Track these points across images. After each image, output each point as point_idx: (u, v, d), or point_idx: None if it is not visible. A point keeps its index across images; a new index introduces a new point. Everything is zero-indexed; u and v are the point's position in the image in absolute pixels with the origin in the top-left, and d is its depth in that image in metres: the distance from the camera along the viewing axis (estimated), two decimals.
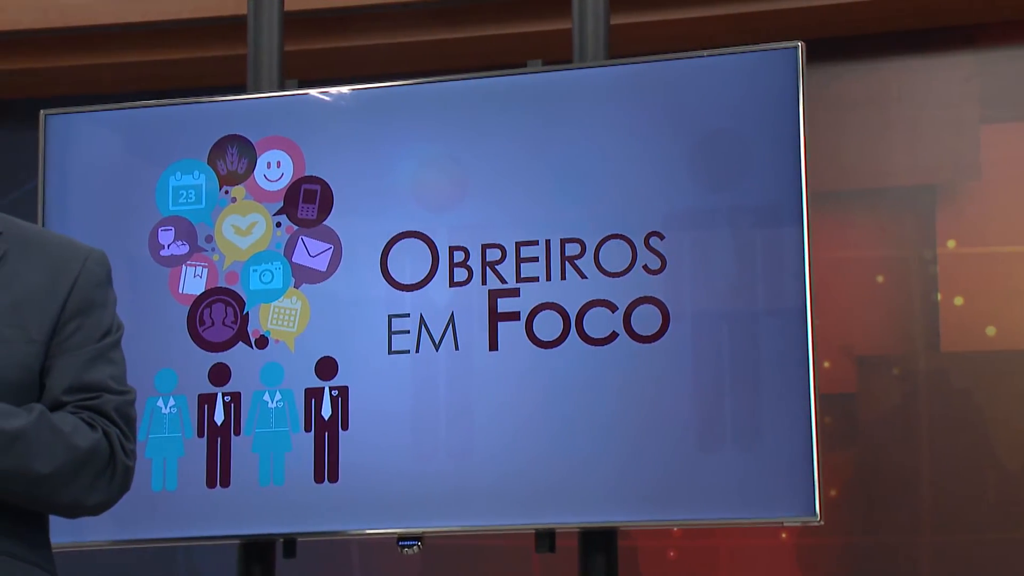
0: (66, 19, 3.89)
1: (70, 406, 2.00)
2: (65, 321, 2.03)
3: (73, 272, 2.06)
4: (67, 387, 2.01)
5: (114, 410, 2.03)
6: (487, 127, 3.13)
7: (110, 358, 2.07)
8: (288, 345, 3.12)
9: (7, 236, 2.06)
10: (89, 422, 2.00)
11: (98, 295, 2.08)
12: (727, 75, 3.06)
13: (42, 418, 1.95)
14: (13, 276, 2.02)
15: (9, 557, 1.95)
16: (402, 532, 3.04)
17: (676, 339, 2.99)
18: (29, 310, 2.01)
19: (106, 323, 2.08)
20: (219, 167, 3.21)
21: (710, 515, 2.99)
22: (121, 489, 2.04)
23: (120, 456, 2.02)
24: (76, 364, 2.02)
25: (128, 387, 2.08)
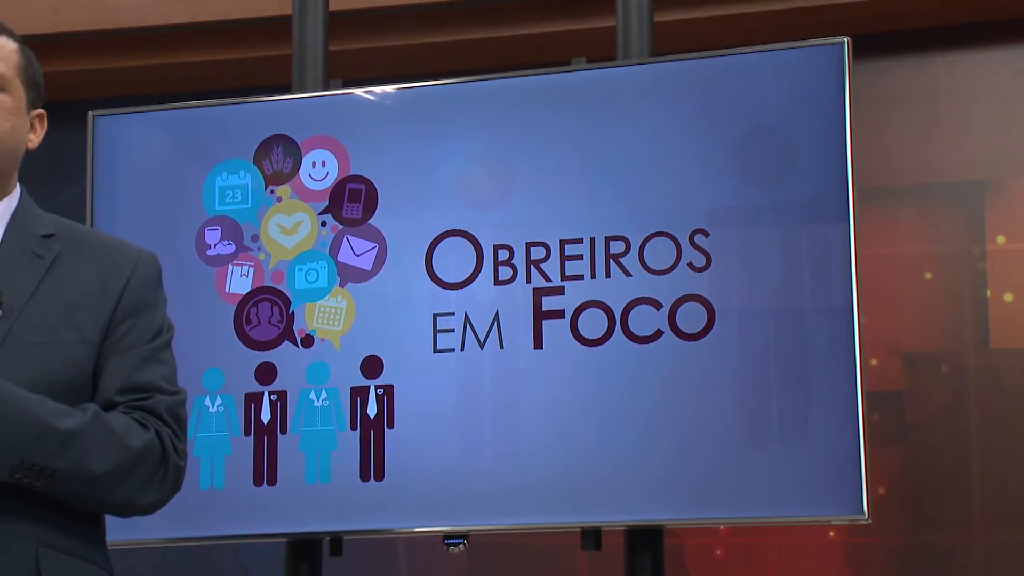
0: (116, 21, 3.92)
1: (123, 406, 2.03)
2: (118, 322, 2.05)
3: (125, 273, 2.08)
4: (120, 387, 2.03)
5: (166, 410, 2.05)
6: (531, 125, 3.12)
7: (161, 359, 2.09)
8: (334, 344, 3.14)
9: (60, 238, 2.08)
10: (142, 422, 2.02)
11: (149, 296, 2.10)
12: (772, 71, 3.04)
13: (96, 418, 1.97)
14: (67, 278, 2.04)
15: (68, 555, 1.97)
16: (447, 530, 3.05)
17: (722, 337, 2.98)
18: (83, 311, 2.03)
19: (157, 324, 2.10)
20: (265, 167, 3.23)
21: (757, 513, 2.98)
22: (173, 489, 2.06)
23: (172, 456, 2.05)
24: (128, 365, 2.04)
25: (179, 388, 2.10)
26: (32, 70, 2.11)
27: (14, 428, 1.89)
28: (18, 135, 2.08)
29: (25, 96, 2.09)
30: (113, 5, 3.91)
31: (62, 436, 1.93)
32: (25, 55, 2.10)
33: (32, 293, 2.01)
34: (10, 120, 2.05)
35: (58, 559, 1.95)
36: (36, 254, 2.05)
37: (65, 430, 1.93)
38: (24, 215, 2.09)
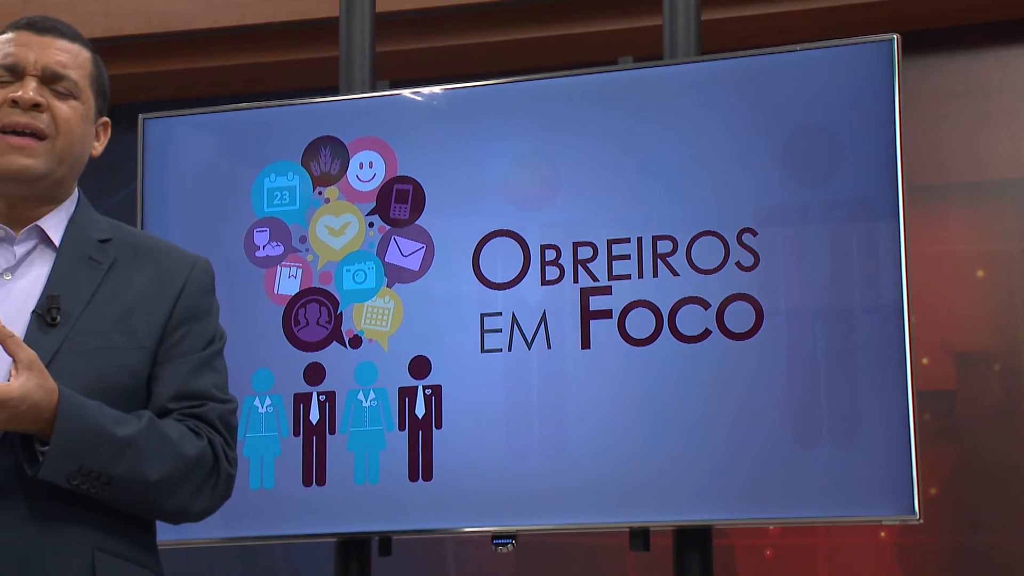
0: (166, 25, 3.95)
1: (176, 413, 2.05)
2: (172, 328, 2.07)
3: (180, 280, 2.10)
4: (173, 394, 2.05)
5: (218, 418, 2.07)
6: (578, 125, 3.12)
7: (214, 366, 2.11)
8: (381, 344, 3.15)
9: (116, 243, 2.10)
10: (194, 430, 2.04)
11: (203, 303, 2.12)
12: (821, 69, 3.03)
13: (151, 425, 1.99)
14: (123, 283, 2.06)
15: (123, 559, 2.00)
16: (496, 530, 3.05)
17: (770, 336, 2.97)
18: (138, 317, 2.05)
19: (211, 331, 2.12)
20: (312, 168, 3.24)
21: (807, 513, 2.96)
22: (223, 496, 2.08)
23: (223, 464, 2.06)
24: (182, 372, 2.06)
25: (230, 396, 2.12)
26: (102, 80, 2.15)
27: (72, 435, 1.91)
28: (85, 143, 2.11)
29: (94, 104, 2.12)
30: (163, 9, 3.94)
31: (119, 443, 1.95)
32: (97, 65, 2.14)
33: (89, 299, 2.03)
34: (81, 127, 2.08)
35: (112, 563, 1.98)
36: (93, 259, 2.07)
37: (122, 437, 1.95)
38: (82, 219, 2.11)
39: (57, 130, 2.06)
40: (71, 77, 2.07)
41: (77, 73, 2.09)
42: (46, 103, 2.05)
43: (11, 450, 1.93)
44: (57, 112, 2.06)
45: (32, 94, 2.04)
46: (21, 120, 2.04)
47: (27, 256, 2.06)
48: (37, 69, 2.06)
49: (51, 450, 1.90)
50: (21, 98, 2.03)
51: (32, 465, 1.92)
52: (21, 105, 2.04)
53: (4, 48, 2.08)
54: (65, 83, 2.07)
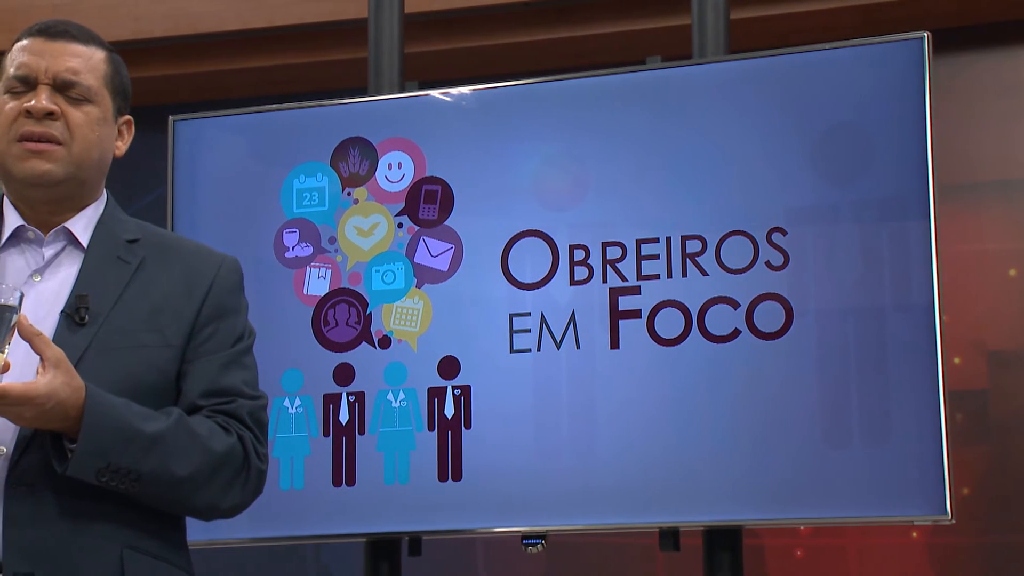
0: (195, 27, 3.97)
1: (205, 410, 2.05)
2: (200, 326, 2.08)
3: (208, 278, 2.11)
4: (202, 391, 2.06)
5: (247, 414, 2.08)
6: (607, 125, 3.12)
7: (243, 363, 2.11)
8: (411, 345, 3.15)
9: (144, 243, 2.12)
10: (224, 426, 2.05)
11: (231, 301, 2.13)
12: (850, 68, 3.01)
13: (180, 422, 2.00)
14: (151, 283, 2.07)
15: (152, 557, 2.00)
16: (525, 531, 3.05)
17: (800, 336, 2.96)
18: (166, 316, 2.06)
19: (239, 329, 2.12)
20: (341, 169, 3.25)
21: (838, 513, 2.95)
22: (254, 492, 2.09)
23: (253, 460, 2.07)
24: (211, 369, 2.07)
25: (260, 392, 2.12)
26: (119, 78, 2.14)
27: (101, 432, 1.92)
28: (105, 145, 2.11)
29: (112, 105, 2.12)
30: (192, 11, 3.96)
31: (147, 440, 1.96)
32: (113, 63, 2.13)
33: (117, 298, 2.04)
34: (97, 131, 2.08)
35: (142, 561, 1.98)
36: (121, 259, 2.08)
37: (150, 434, 1.96)
38: (110, 220, 2.12)
39: (72, 136, 2.06)
40: (84, 82, 2.07)
41: (90, 77, 2.08)
42: (59, 111, 2.05)
43: (41, 448, 1.94)
44: (71, 119, 2.06)
45: (44, 103, 2.04)
46: (36, 129, 2.04)
47: (55, 257, 2.08)
48: (49, 77, 2.06)
49: (79, 447, 1.91)
50: (34, 108, 2.04)
51: (61, 462, 1.93)
52: (34, 115, 2.04)
53: (17, 58, 2.09)
54: (78, 89, 2.07)
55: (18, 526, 1.92)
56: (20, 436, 1.95)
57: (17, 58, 2.08)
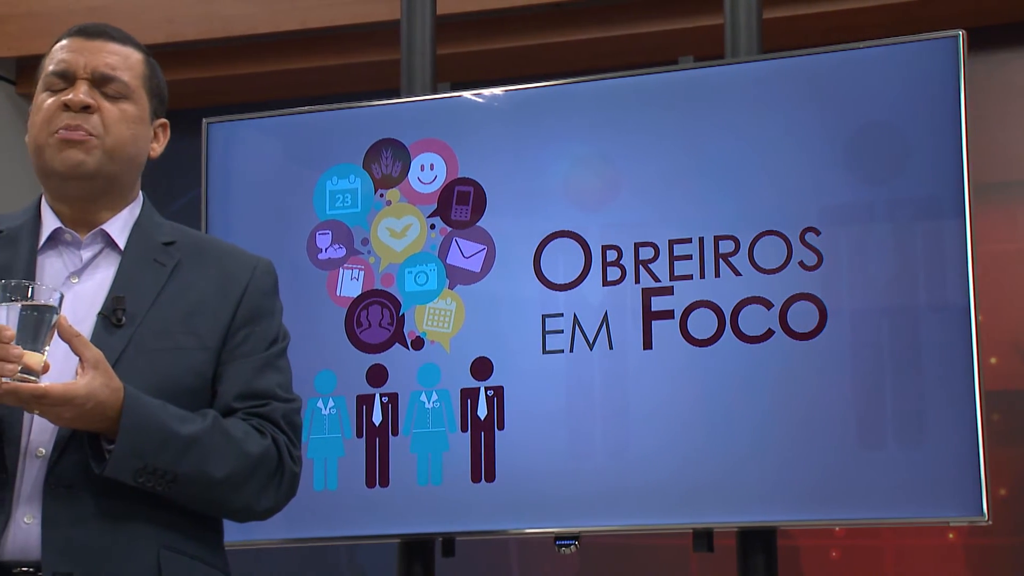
0: (228, 30, 3.98)
1: (240, 412, 2.07)
2: (236, 329, 2.09)
3: (243, 281, 2.12)
4: (237, 394, 2.07)
5: (282, 417, 2.09)
6: (639, 125, 3.11)
7: (277, 366, 2.13)
8: (443, 346, 3.15)
9: (180, 245, 2.13)
10: (259, 429, 2.06)
11: (266, 304, 2.14)
12: (884, 66, 3.00)
13: (216, 424, 2.02)
14: (187, 285, 2.09)
15: (189, 558, 2.02)
16: (559, 531, 3.05)
17: (834, 336, 2.95)
18: (202, 318, 2.07)
19: (273, 332, 2.14)
20: (374, 171, 3.26)
21: (873, 514, 2.94)
22: (288, 495, 2.10)
23: (288, 462, 2.08)
24: (246, 372, 2.08)
25: (294, 395, 2.14)
26: (156, 81, 2.16)
27: (138, 433, 1.94)
28: (140, 144, 2.13)
29: (148, 106, 2.14)
30: (225, 15, 3.97)
31: (183, 441, 1.97)
32: (150, 66, 2.16)
33: (153, 300, 2.06)
34: (132, 129, 2.10)
35: (179, 561, 2.00)
36: (157, 261, 2.09)
37: (186, 435, 1.98)
38: (146, 223, 2.14)
39: (107, 131, 2.08)
40: (121, 79, 2.10)
41: (128, 75, 2.11)
42: (96, 105, 2.08)
43: (79, 449, 1.96)
44: (107, 114, 2.08)
45: (81, 96, 2.07)
46: (72, 122, 2.07)
47: (93, 259, 2.09)
48: (87, 72, 2.09)
49: (117, 448, 1.92)
50: (71, 100, 2.07)
51: (99, 463, 1.94)
52: (71, 107, 2.07)
53: (56, 55, 2.12)
54: (115, 85, 2.09)
55: (57, 526, 1.94)
56: (59, 437, 1.97)
57: (56, 56, 2.11)
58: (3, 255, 2.07)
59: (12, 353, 1.85)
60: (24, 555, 1.93)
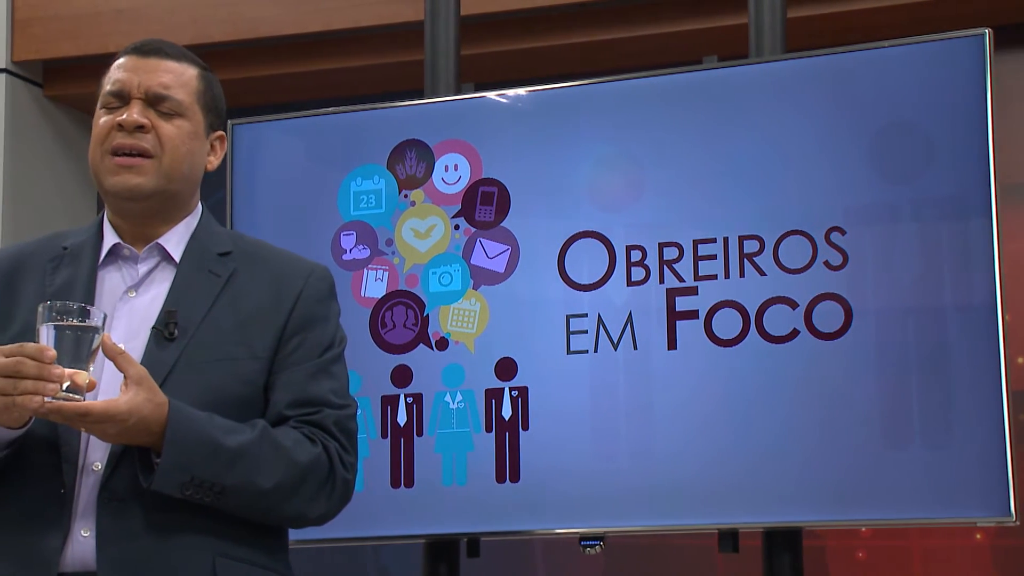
0: (253, 31, 3.99)
1: (292, 420, 2.09)
2: (288, 337, 2.11)
3: (296, 289, 2.14)
4: (289, 402, 2.09)
5: (334, 424, 2.11)
6: (663, 125, 3.11)
7: (331, 372, 2.14)
8: (468, 346, 3.16)
9: (236, 255, 2.16)
10: (310, 437, 2.08)
11: (320, 310, 2.16)
12: (910, 65, 2.99)
13: (264, 434, 2.03)
14: (240, 295, 2.12)
15: (247, 564, 2.04)
16: (584, 532, 3.05)
17: (860, 336, 2.94)
18: (254, 327, 2.10)
19: (328, 338, 2.15)
20: (398, 171, 3.26)
21: (899, 515, 2.93)
22: (342, 501, 2.12)
23: (339, 469, 2.10)
24: (298, 380, 2.10)
25: (349, 400, 2.15)
26: (211, 95, 2.19)
27: (184, 447, 1.96)
28: (195, 158, 2.15)
29: (203, 120, 2.17)
30: (250, 16, 3.99)
31: (230, 453, 1.99)
32: (205, 80, 2.18)
33: (206, 312, 2.09)
34: (187, 144, 2.13)
35: (236, 568, 2.02)
36: (212, 272, 2.12)
37: (233, 447, 2.00)
38: (203, 234, 2.17)
39: (162, 149, 2.11)
40: (175, 97, 2.13)
41: (182, 92, 2.13)
42: (150, 124, 2.11)
43: (132, 464, 1.99)
44: (162, 132, 2.11)
45: (136, 116, 2.10)
46: (127, 142, 2.10)
47: (150, 274, 2.13)
48: (141, 92, 2.12)
49: (163, 462, 1.95)
50: (125, 121, 2.10)
51: (147, 477, 1.97)
52: (126, 127, 2.10)
53: (113, 75, 2.15)
54: (169, 103, 2.12)
55: (111, 540, 1.97)
56: (112, 452, 2.00)
57: (113, 75, 2.15)
58: (67, 272, 2.11)
59: (53, 373, 1.89)
60: (83, 568, 1.97)
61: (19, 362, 1.88)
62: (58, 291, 2.07)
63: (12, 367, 1.88)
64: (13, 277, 2.13)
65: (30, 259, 2.15)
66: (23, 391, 1.88)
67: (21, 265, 2.14)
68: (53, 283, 2.10)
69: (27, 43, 4.07)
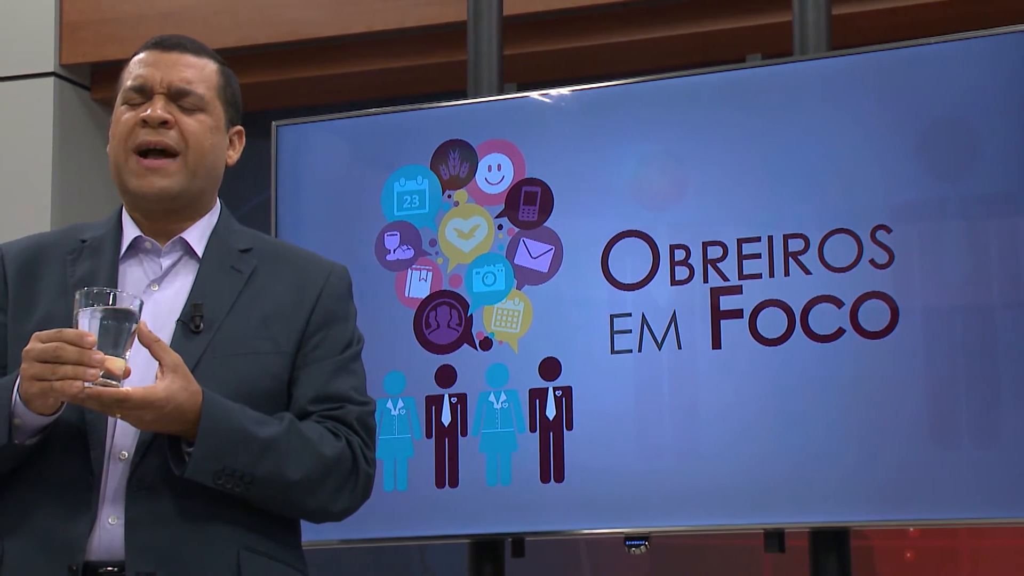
0: (296, 33, 4.01)
1: (315, 415, 2.10)
2: (310, 334, 2.12)
3: (317, 286, 2.15)
4: (312, 397, 2.10)
5: (356, 420, 2.12)
6: (707, 124, 3.10)
7: (352, 369, 2.15)
8: (512, 346, 3.16)
9: (257, 252, 2.17)
10: (333, 431, 2.09)
11: (340, 308, 2.17)
12: (956, 62, 2.96)
13: (292, 427, 2.05)
14: (263, 291, 2.12)
15: (268, 558, 2.05)
16: (629, 532, 3.04)
17: (906, 334, 2.92)
18: (277, 323, 2.11)
19: (348, 335, 2.16)
20: (442, 172, 3.27)
21: (947, 515, 2.91)
22: (363, 496, 2.13)
23: (362, 464, 2.11)
24: (321, 375, 2.11)
25: (368, 398, 2.16)
26: (231, 90, 2.20)
27: (216, 436, 1.97)
28: (217, 153, 2.16)
29: (224, 115, 2.18)
30: (292, 18, 4.00)
31: (261, 444, 2.00)
32: (224, 76, 2.19)
33: (231, 306, 2.09)
34: (210, 139, 2.14)
35: (258, 562, 2.03)
36: (235, 268, 2.13)
37: (264, 438, 2.01)
38: (224, 230, 2.18)
39: (186, 145, 2.12)
40: (197, 91, 2.13)
41: (203, 87, 2.14)
42: (174, 119, 2.11)
43: (160, 452, 2.00)
44: (185, 127, 2.12)
45: (159, 112, 2.10)
46: (151, 139, 2.11)
47: (172, 267, 2.14)
48: (163, 87, 2.12)
49: (196, 450, 1.96)
50: (149, 116, 2.10)
51: (179, 465, 1.98)
52: (150, 123, 2.11)
53: (134, 70, 2.16)
54: (191, 98, 2.13)
55: (140, 528, 1.98)
56: (140, 440, 2.01)
57: (134, 70, 2.15)
58: (87, 264, 2.12)
59: (94, 358, 1.89)
60: (110, 555, 1.97)
61: (59, 347, 1.88)
62: (79, 282, 2.07)
63: (51, 352, 1.88)
64: (33, 267, 2.13)
65: (49, 250, 2.15)
66: (62, 376, 1.88)
67: (41, 256, 2.14)
68: (74, 274, 2.10)
69: (75, 47, 4.10)
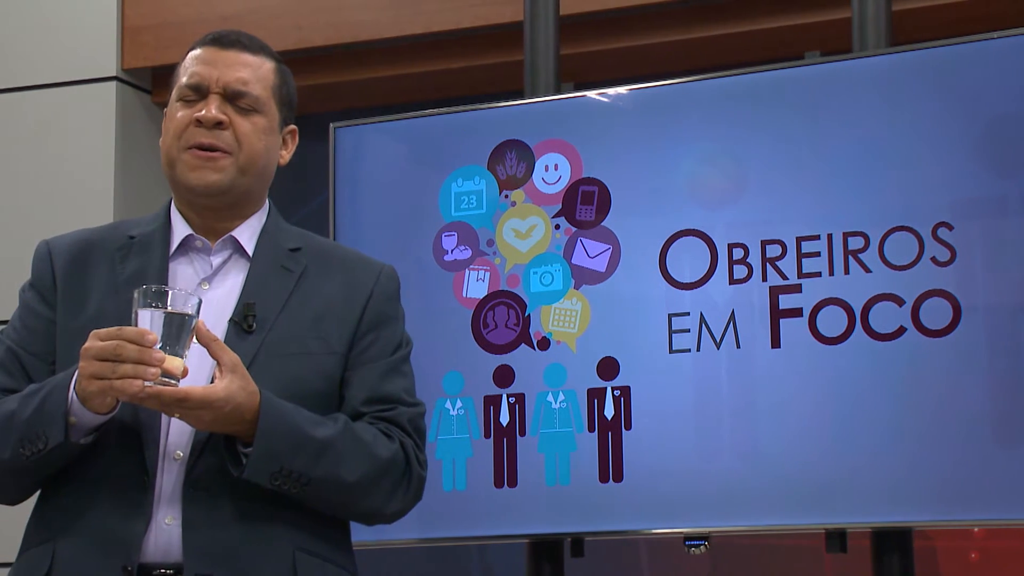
0: (355, 35, 4.02)
1: (368, 417, 2.10)
2: (362, 334, 2.12)
3: (368, 287, 2.15)
4: (365, 399, 2.10)
5: (408, 422, 2.12)
6: (765, 122, 3.08)
7: (402, 371, 2.16)
8: (569, 346, 3.15)
9: (306, 251, 2.17)
10: (386, 433, 2.09)
11: (390, 310, 2.17)
12: (1017, 57, 2.93)
13: (347, 428, 2.05)
14: (313, 291, 2.12)
15: (317, 558, 2.05)
16: (688, 532, 3.03)
17: (968, 333, 2.88)
18: (329, 323, 2.11)
19: (398, 337, 2.17)
20: (499, 172, 3.27)
21: (1013, 515, 2.87)
22: (415, 498, 2.13)
23: (415, 466, 2.11)
24: (373, 376, 2.11)
25: (418, 400, 2.16)
26: (286, 89, 2.20)
27: (274, 436, 1.97)
28: (270, 154, 2.17)
29: (278, 115, 2.17)
30: (352, 20, 4.02)
31: (318, 445, 2.00)
32: (281, 74, 2.19)
33: (282, 306, 2.09)
34: (264, 140, 2.14)
35: (312, 563, 2.03)
36: (285, 268, 2.13)
37: (320, 439, 2.01)
38: (273, 229, 2.18)
39: (240, 146, 2.12)
40: (253, 92, 2.13)
41: (259, 87, 2.14)
42: (228, 120, 2.11)
43: (215, 452, 2.00)
44: (239, 128, 2.12)
45: (215, 113, 2.10)
46: (205, 140, 2.11)
47: (223, 266, 2.14)
48: (219, 87, 2.12)
49: (255, 451, 1.96)
50: (204, 117, 2.10)
51: (235, 466, 1.98)
52: (204, 124, 2.10)
53: (190, 67, 2.15)
54: (247, 99, 2.13)
55: (197, 529, 1.98)
56: (195, 441, 2.01)
57: (190, 67, 2.14)
58: (136, 261, 2.11)
59: (155, 357, 1.88)
60: (166, 557, 1.98)
61: (119, 346, 1.88)
62: (129, 280, 2.07)
63: (111, 351, 1.88)
64: (81, 263, 2.12)
65: (97, 247, 2.14)
66: (122, 375, 1.87)
67: (89, 252, 2.13)
68: (124, 272, 2.09)
69: (136, 51, 4.14)
